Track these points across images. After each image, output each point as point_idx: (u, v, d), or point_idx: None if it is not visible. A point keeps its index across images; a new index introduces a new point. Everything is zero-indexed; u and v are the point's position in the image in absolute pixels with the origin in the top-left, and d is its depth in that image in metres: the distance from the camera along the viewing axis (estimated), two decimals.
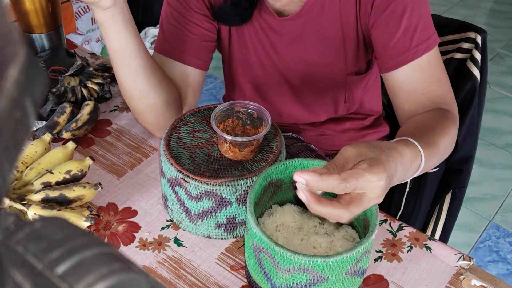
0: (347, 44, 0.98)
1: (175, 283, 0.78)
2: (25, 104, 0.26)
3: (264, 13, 0.98)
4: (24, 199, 0.81)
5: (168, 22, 1.00)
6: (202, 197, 0.79)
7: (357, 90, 1.06)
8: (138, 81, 0.93)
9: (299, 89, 1.06)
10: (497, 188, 2.15)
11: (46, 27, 1.13)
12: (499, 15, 3.37)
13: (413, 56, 0.88)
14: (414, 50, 0.88)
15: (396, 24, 0.88)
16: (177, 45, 0.99)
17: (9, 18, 0.25)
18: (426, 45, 0.88)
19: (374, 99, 1.13)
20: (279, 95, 1.08)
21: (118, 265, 0.27)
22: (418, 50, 0.88)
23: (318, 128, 1.13)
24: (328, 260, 0.64)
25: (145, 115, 0.98)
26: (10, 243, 0.28)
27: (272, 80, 1.06)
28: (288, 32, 0.99)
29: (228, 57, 1.08)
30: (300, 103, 1.09)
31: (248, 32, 1.01)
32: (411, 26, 0.87)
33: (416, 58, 0.88)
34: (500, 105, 2.59)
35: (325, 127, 1.13)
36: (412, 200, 1.18)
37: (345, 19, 0.94)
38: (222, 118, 0.86)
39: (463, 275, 0.81)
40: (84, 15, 2.36)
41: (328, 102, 1.08)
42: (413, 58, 0.88)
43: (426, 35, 0.89)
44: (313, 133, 1.14)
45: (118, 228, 0.86)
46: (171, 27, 0.99)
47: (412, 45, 0.88)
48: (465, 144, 1.14)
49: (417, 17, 0.88)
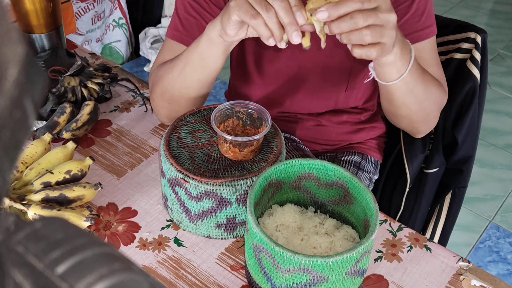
0: None
1: (175, 283, 0.78)
2: (25, 104, 0.26)
3: None
4: (24, 199, 0.81)
5: (186, 11, 0.99)
6: (202, 197, 0.80)
7: (358, 80, 1.07)
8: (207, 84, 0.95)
9: (305, 74, 1.07)
10: (497, 188, 2.15)
11: (46, 27, 1.13)
12: (500, 16, 3.37)
13: (419, 37, 0.94)
14: (420, 32, 0.94)
15: (407, 6, 0.94)
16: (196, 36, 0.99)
17: (9, 18, 0.25)
18: (429, 31, 0.95)
19: (371, 95, 1.14)
20: (285, 81, 1.08)
21: (118, 265, 0.28)
22: (423, 33, 0.95)
23: (316, 118, 1.14)
24: (328, 260, 0.65)
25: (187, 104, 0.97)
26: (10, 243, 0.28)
27: (281, 66, 1.06)
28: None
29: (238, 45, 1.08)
30: (304, 90, 1.09)
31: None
32: (419, 10, 0.94)
33: (422, 39, 0.95)
34: (500, 105, 2.59)
35: (323, 117, 1.14)
36: (412, 200, 1.18)
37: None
38: (222, 118, 0.86)
39: (463, 275, 0.81)
40: (84, 15, 2.35)
41: (330, 89, 1.08)
42: (419, 39, 0.95)
43: (430, 22, 0.95)
44: (311, 122, 1.15)
45: (118, 228, 0.86)
46: (189, 17, 0.99)
47: (418, 28, 0.94)
48: (465, 144, 1.14)
49: (424, 3, 0.94)
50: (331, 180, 0.80)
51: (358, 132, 1.17)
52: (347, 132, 1.16)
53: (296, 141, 1.16)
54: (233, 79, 1.19)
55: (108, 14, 2.50)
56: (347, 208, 0.80)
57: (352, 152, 1.18)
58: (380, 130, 1.20)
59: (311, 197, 0.83)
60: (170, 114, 1.00)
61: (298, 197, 0.83)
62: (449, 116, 1.13)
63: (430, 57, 0.97)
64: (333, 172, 0.79)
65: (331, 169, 0.79)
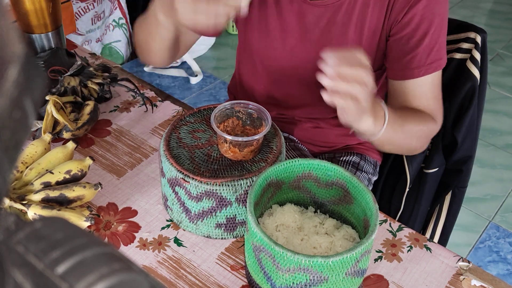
0: (366, 43, 0.98)
1: (175, 283, 0.78)
2: (25, 104, 0.26)
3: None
4: (24, 199, 0.81)
5: None
6: (202, 197, 0.80)
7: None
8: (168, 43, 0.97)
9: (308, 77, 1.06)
10: (497, 188, 2.15)
11: (46, 27, 1.13)
12: (499, 16, 3.36)
13: (425, 72, 0.93)
14: (427, 67, 0.93)
15: (419, 40, 0.92)
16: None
17: (9, 18, 0.25)
18: (437, 65, 0.94)
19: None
20: (289, 81, 1.07)
21: (118, 265, 0.28)
22: (430, 67, 0.93)
23: (315, 120, 1.14)
24: (328, 260, 0.65)
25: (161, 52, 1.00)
26: (10, 243, 0.28)
27: (286, 65, 1.05)
28: (314, 18, 0.97)
29: (244, 36, 1.07)
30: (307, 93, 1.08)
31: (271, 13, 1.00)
32: (430, 44, 0.92)
33: (428, 74, 0.93)
34: (500, 105, 2.59)
35: (322, 119, 1.14)
36: (412, 200, 1.18)
37: (373, 19, 0.95)
38: (222, 118, 0.86)
39: (463, 275, 0.81)
40: (84, 15, 2.35)
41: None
42: (425, 73, 0.93)
43: (439, 55, 0.94)
44: (309, 124, 1.14)
45: (118, 228, 0.86)
46: None
47: (427, 62, 0.93)
48: (465, 144, 1.14)
49: (437, 37, 0.92)
50: (331, 180, 0.80)
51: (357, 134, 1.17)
52: (346, 135, 1.16)
53: (294, 141, 1.16)
54: (239, 69, 1.17)
55: (108, 14, 2.50)
56: (347, 208, 0.80)
57: (350, 153, 1.17)
58: None
59: (311, 197, 0.83)
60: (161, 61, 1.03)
61: (298, 197, 0.83)
62: (448, 116, 1.13)
63: (429, 91, 0.96)
64: (333, 172, 0.79)
65: (331, 169, 0.79)
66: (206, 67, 2.74)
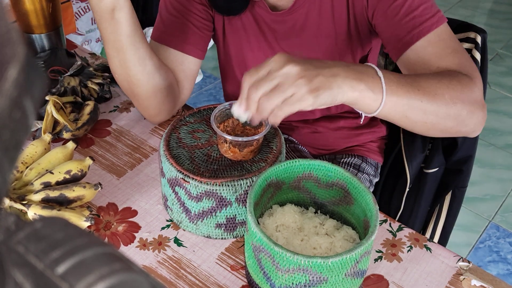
0: (339, 40, 0.99)
1: (175, 283, 0.78)
2: (25, 104, 0.26)
3: (257, 7, 0.99)
4: (24, 199, 0.81)
5: (168, 11, 1.01)
6: (202, 197, 0.80)
7: None
8: (146, 63, 0.93)
9: None
10: (497, 188, 2.15)
11: (46, 27, 1.13)
12: (499, 16, 3.37)
13: (419, 35, 0.87)
14: (419, 28, 0.87)
15: (398, 6, 0.88)
16: (177, 35, 1.00)
17: (9, 18, 0.25)
18: (431, 23, 0.87)
19: None
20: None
21: (118, 265, 0.28)
22: (423, 28, 0.87)
23: (311, 126, 1.14)
24: (328, 261, 0.64)
25: (151, 99, 0.97)
26: (10, 243, 0.28)
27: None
28: (281, 27, 1.00)
29: (222, 50, 1.10)
30: None
31: (241, 24, 1.03)
32: (411, 7, 0.87)
33: (423, 36, 0.87)
34: (500, 105, 2.59)
35: (319, 124, 1.14)
36: (412, 200, 1.18)
37: (338, 15, 0.96)
38: (222, 118, 0.86)
39: (463, 275, 0.81)
40: (84, 15, 2.35)
41: None
42: (419, 36, 0.87)
43: (430, 13, 0.88)
44: (306, 130, 1.14)
45: (118, 228, 0.86)
46: (171, 16, 1.01)
47: (416, 24, 0.87)
48: (465, 144, 1.14)
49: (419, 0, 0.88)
50: (331, 180, 0.80)
51: (357, 137, 1.17)
52: (345, 138, 1.16)
53: (294, 142, 1.16)
54: (224, 82, 1.19)
55: None
56: (347, 209, 0.80)
57: (351, 155, 1.17)
58: (380, 133, 1.19)
59: (311, 198, 0.83)
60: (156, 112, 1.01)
61: (298, 197, 0.83)
62: None
63: (441, 49, 0.86)
64: (333, 173, 0.79)
65: (331, 169, 0.79)
66: (206, 67, 2.74)
